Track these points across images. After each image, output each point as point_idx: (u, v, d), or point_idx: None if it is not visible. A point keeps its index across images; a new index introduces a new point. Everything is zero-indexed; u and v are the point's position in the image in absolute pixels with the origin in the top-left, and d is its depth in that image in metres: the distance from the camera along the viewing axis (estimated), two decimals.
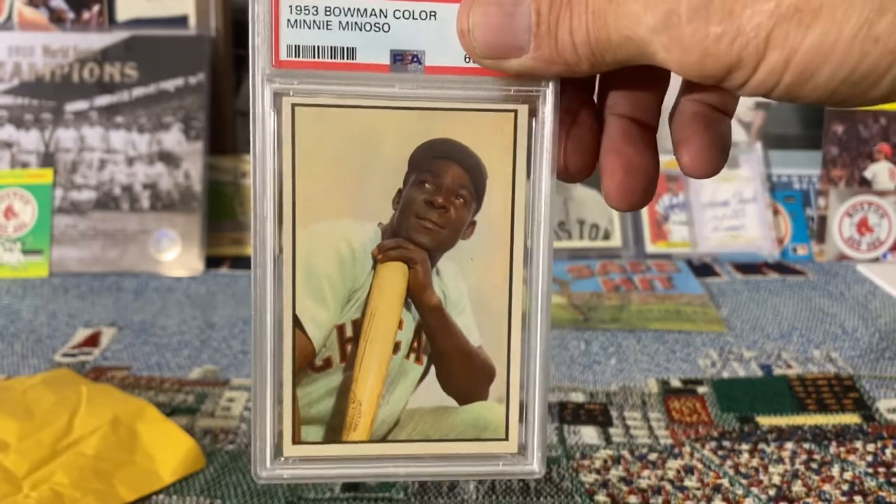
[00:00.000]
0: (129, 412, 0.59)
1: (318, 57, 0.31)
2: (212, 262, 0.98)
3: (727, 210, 1.03)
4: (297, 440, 0.33)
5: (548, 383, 0.34)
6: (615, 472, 0.58)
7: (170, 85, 1.00)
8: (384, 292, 0.32)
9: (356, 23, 0.31)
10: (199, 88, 1.00)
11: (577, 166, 0.33)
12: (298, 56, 0.31)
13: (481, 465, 0.34)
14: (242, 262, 0.99)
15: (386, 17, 0.31)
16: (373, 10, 0.30)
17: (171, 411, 0.64)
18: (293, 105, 0.31)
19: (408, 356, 0.33)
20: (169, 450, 0.57)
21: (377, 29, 0.31)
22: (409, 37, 0.31)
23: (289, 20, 0.30)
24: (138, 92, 0.99)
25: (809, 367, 0.74)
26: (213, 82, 1.02)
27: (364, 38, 0.31)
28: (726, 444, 0.61)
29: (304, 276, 0.32)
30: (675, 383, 0.71)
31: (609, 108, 0.33)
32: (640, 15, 0.26)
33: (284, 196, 0.31)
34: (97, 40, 1.00)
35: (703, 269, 0.98)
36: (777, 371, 0.73)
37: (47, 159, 0.98)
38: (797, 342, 0.79)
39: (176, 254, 0.96)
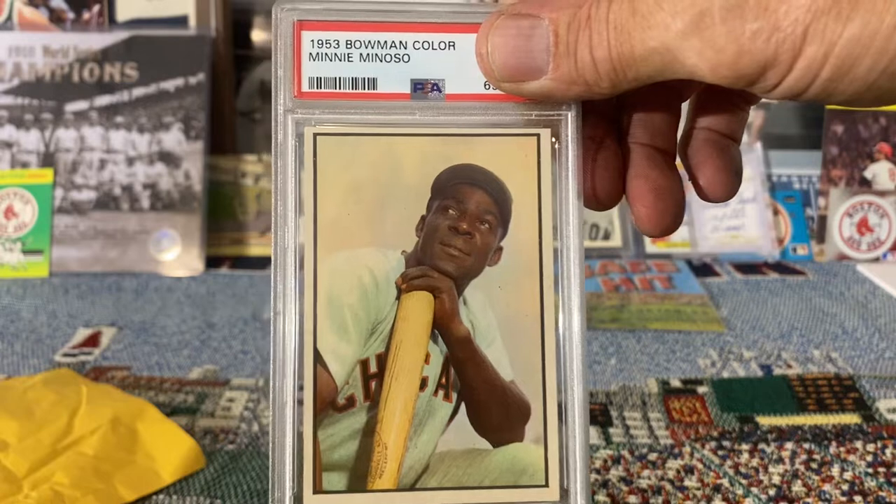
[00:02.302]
0: (129, 412, 0.59)
1: (340, 88, 0.31)
2: (212, 262, 0.98)
3: (727, 210, 1.03)
4: (318, 489, 0.30)
5: (588, 421, 0.31)
6: (615, 472, 0.58)
7: (170, 85, 1.00)
8: (409, 323, 0.31)
9: (377, 54, 0.31)
10: (199, 88, 1.00)
11: (607, 191, 0.32)
12: (320, 87, 0.31)
13: None
14: (242, 262, 0.99)
15: (406, 48, 0.31)
16: (393, 41, 0.31)
17: (171, 411, 0.64)
18: (315, 134, 0.31)
19: (436, 393, 0.31)
20: (169, 450, 0.57)
21: (397, 59, 0.31)
22: (428, 66, 0.31)
23: (310, 53, 0.31)
24: (138, 92, 0.99)
25: (809, 367, 0.74)
26: (213, 82, 1.02)
27: (384, 69, 0.31)
28: (726, 444, 0.61)
29: (326, 307, 0.31)
30: (675, 383, 0.71)
31: (629, 138, 0.33)
32: (669, 22, 0.26)
33: (306, 226, 0.31)
34: (97, 40, 1.00)
35: (702, 269, 0.98)
36: (777, 371, 0.73)
37: (47, 159, 0.98)
38: (797, 342, 0.79)
39: (176, 254, 0.96)
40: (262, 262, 0.99)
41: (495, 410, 0.31)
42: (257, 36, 1.12)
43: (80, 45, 1.00)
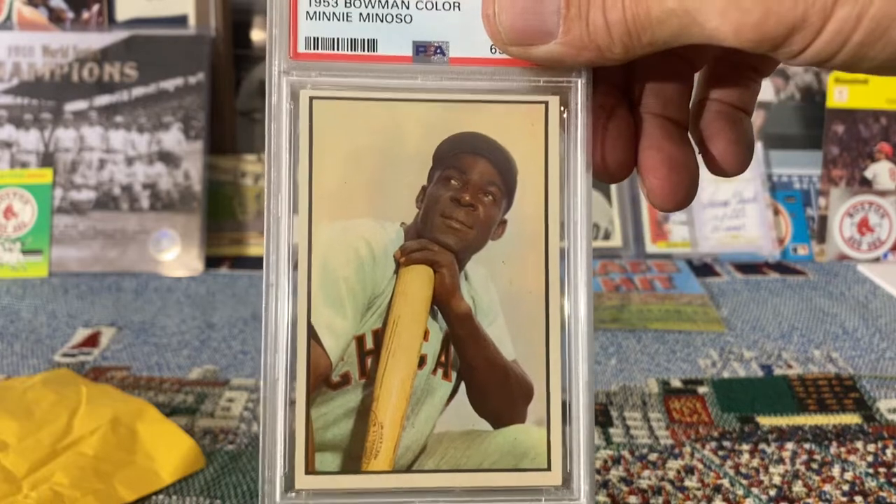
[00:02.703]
0: (129, 412, 0.59)
1: (338, 49, 0.29)
2: (211, 262, 0.98)
3: (727, 210, 1.03)
4: (310, 469, 0.29)
5: (593, 403, 0.30)
6: (615, 472, 0.57)
7: (169, 85, 1.00)
8: (408, 298, 0.29)
9: (377, 14, 0.29)
10: (199, 88, 1.00)
11: (617, 162, 0.31)
12: (317, 48, 0.29)
13: (521, 501, 0.30)
14: (242, 262, 0.99)
15: (408, 7, 0.29)
16: (394, 1, 0.29)
17: (170, 411, 0.64)
18: (311, 98, 0.29)
19: (434, 371, 0.30)
20: (169, 450, 0.56)
21: (399, 20, 0.29)
22: (432, 28, 0.29)
23: (307, 12, 0.29)
24: (138, 92, 0.99)
25: (810, 367, 0.73)
26: (213, 82, 1.02)
27: (385, 30, 0.29)
28: (727, 444, 0.61)
29: (321, 280, 0.29)
30: (676, 383, 0.70)
31: (641, 108, 0.32)
32: None
33: (300, 194, 0.29)
34: (97, 40, 1.00)
35: (703, 269, 0.98)
36: (777, 371, 0.73)
37: (47, 159, 0.98)
38: (797, 342, 0.79)
39: (176, 254, 0.96)
40: (262, 263, 0.99)
41: (496, 390, 0.30)
42: (257, 36, 1.12)
43: (80, 45, 1.00)
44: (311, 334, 0.29)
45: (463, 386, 0.30)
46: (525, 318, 0.30)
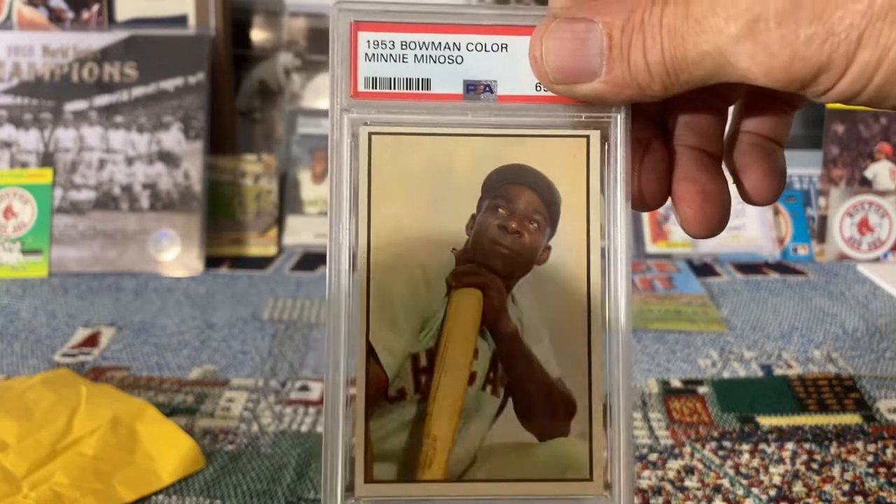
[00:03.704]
0: (129, 412, 0.58)
1: (394, 88, 0.32)
2: (211, 262, 0.98)
3: None
4: (369, 479, 0.31)
5: (632, 417, 0.32)
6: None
7: (169, 85, 1.00)
8: (459, 319, 0.32)
9: (430, 56, 0.32)
10: (199, 88, 1.00)
11: (653, 193, 0.33)
12: (375, 87, 0.32)
13: None
14: (242, 262, 0.99)
15: (459, 49, 0.32)
16: (447, 43, 0.32)
17: (170, 411, 0.64)
18: (370, 133, 0.32)
19: (484, 388, 0.32)
20: (169, 450, 0.56)
21: (451, 61, 0.32)
22: (481, 68, 0.32)
23: (366, 54, 0.31)
24: (138, 92, 0.99)
25: (810, 368, 0.73)
26: (213, 82, 1.02)
27: (438, 70, 0.32)
28: (727, 444, 0.61)
29: (378, 302, 0.31)
30: (676, 383, 0.70)
31: (676, 139, 0.33)
32: (722, 27, 0.27)
33: (360, 222, 0.32)
34: (97, 40, 1.00)
35: (703, 269, 0.98)
36: (777, 371, 0.73)
37: (47, 159, 0.98)
38: (797, 342, 0.79)
39: (175, 254, 0.96)
40: (262, 262, 0.99)
41: (541, 406, 0.32)
42: (257, 36, 1.12)
43: (80, 45, 1.00)
44: (370, 352, 0.31)
45: (510, 401, 0.32)
46: (569, 337, 0.32)
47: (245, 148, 1.10)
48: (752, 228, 1.03)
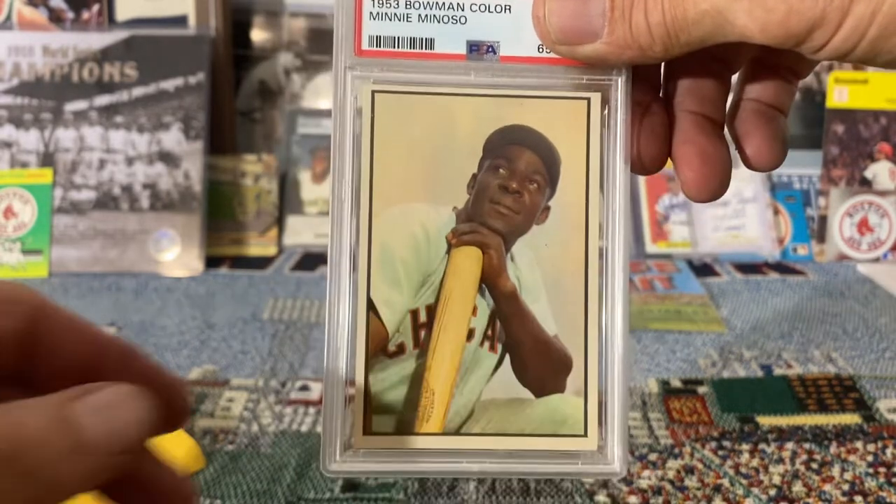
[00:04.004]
0: None
1: (398, 47, 0.32)
2: (211, 262, 0.98)
3: (727, 210, 1.03)
4: (368, 430, 0.32)
5: (629, 377, 0.32)
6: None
7: (169, 85, 1.00)
8: (458, 277, 0.32)
9: (434, 15, 0.32)
10: (199, 88, 1.00)
11: (651, 156, 0.33)
12: (379, 46, 0.32)
13: (559, 464, 0.33)
14: (242, 262, 0.99)
15: (463, 9, 0.32)
16: (450, 3, 0.32)
17: None
18: (373, 91, 0.32)
19: (482, 344, 0.32)
20: (169, 450, 0.56)
21: (454, 21, 0.32)
22: (484, 28, 0.32)
23: (371, 13, 0.32)
24: (138, 92, 0.99)
25: (810, 367, 0.73)
26: (213, 82, 1.02)
27: (442, 30, 0.32)
28: (726, 444, 0.61)
29: (380, 259, 0.32)
30: (676, 383, 0.70)
31: (677, 105, 0.34)
32: None
33: (363, 180, 0.32)
34: (97, 40, 1.00)
35: (703, 269, 0.98)
36: (777, 371, 0.73)
37: (47, 159, 0.98)
38: (797, 342, 0.79)
39: (175, 254, 0.96)
40: (262, 262, 0.99)
41: (538, 362, 0.32)
42: (257, 36, 1.12)
43: (80, 45, 1.00)
44: (371, 307, 0.32)
45: (508, 358, 0.33)
46: (566, 296, 0.33)
47: (245, 148, 1.10)
48: (751, 228, 1.03)
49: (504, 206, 0.32)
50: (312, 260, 1.00)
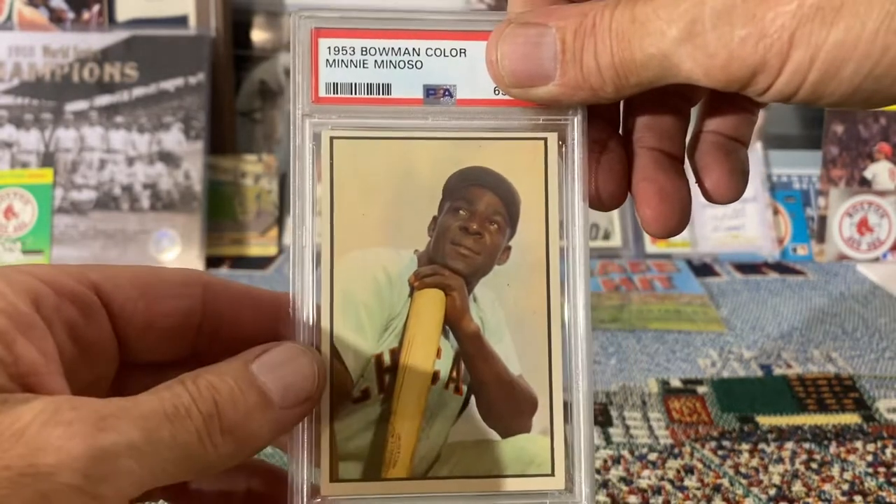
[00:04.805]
0: None
1: (355, 93, 0.32)
2: (212, 262, 0.98)
3: (727, 210, 1.03)
4: (335, 477, 0.31)
5: (592, 414, 0.32)
6: (615, 472, 0.58)
7: (170, 85, 1.00)
8: (421, 319, 0.32)
9: (390, 61, 0.32)
10: (199, 88, 1.00)
11: (609, 192, 0.33)
12: (336, 93, 0.32)
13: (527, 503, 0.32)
14: (242, 262, 0.99)
15: (419, 55, 0.32)
16: (406, 48, 0.32)
17: None
18: (331, 138, 0.32)
19: (447, 386, 0.32)
20: None
21: (410, 66, 0.32)
22: (440, 72, 0.32)
23: (327, 60, 0.32)
24: (138, 92, 0.99)
25: (809, 367, 0.74)
26: (213, 82, 1.02)
27: (398, 75, 0.32)
28: (726, 443, 0.61)
29: (342, 304, 0.32)
30: (675, 383, 0.71)
31: (637, 142, 0.34)
32: (665, 29, 0.27)
33: (322, 226, 0.32)
34: (97, 40, 1.01)
35: (702, 269, 0.98)
36: (777, 371, 0.73)
37: (47, 159, 0.98)
38: (797, 342, 0.79)
39: (176, 254, 0.96)
40: (262, 262, 0.99)
41: (503, 403, 0.32)
42: (257, 36, 1.12)
43: (80, 45, 1.00)
44: (334, 354, 0.32)
45: (473, 399, 0.32)
46: (529, 336, 0.33)
47: (245, 148, 1.10)
48: (751, 228, 1.03)
49: (465, 248, 0.32)
50: None
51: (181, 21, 1.04)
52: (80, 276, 0.29)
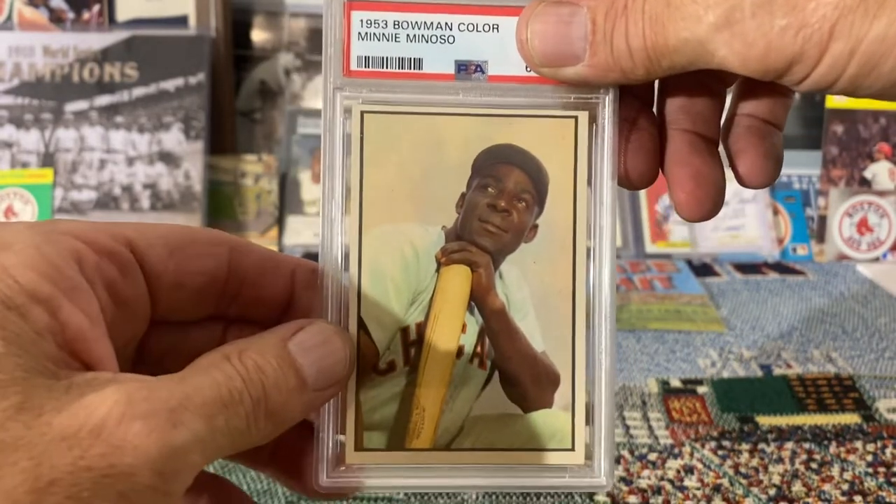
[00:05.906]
0: None
1: (387, 67, 0.32)
2: None
3: (727, 210, 1.03)
4: (359, 447, 0.32)
5: (614, 391, 0.33)
6: (615, 472, 0.58)
7: (170, 85, 1.00)
8: (447, 295, 0.32)
9: (423, 35, 0.32)
10: (199, 88, 1.00)
11: (638, 171, 0.33)
12: (368, 66, 0.32)
13: (547, 478, 0.33)
14: None
15: (451, 29, 0.32)
16: (439, 23, 0.32)
17: None
18: (362, 112, 0.32)
19: (471, 361, 0.33)
20: None
21: (443, 41, 0.32)
22: (472, 48, 0.32)
23: (359, 33, 0.32)
24: (138, 92, 0.99)
25: (809, 367, 0.74)
26: (213, 82, 1.02)
27: (430, 50, 0.32)
28: (726, 443, 0.61)
29: (370, 278, 0.32)
30: (675, 383, 0.71)
31: (671, 123, 0.33)
32: (701, 15, 0.27)
33: (352, 199, 0.32)
34: (97, 40, 1.01)
35: (702, 268, 0.98)
36: (777, 371, 0.73)
37: (47, 159, 0.98)
38: (797, 342, 0.79)
39: None
40: None
41: (526, 378, 0.33)
42: (257, 36, 1.12)
43: (80, 45, 1.00)
44: (361, 326, 0.32)
45: (496, 374, 0.33)
46: (554, 313, 0.33)
47: (245, 148, 1.10)
48: (751, 228, 1.03)
49: (493, 225, 0.33)
50: (312, 259, 1.00)
51: (181, 21, 1.03)
52: (116, 233, 0.29)
